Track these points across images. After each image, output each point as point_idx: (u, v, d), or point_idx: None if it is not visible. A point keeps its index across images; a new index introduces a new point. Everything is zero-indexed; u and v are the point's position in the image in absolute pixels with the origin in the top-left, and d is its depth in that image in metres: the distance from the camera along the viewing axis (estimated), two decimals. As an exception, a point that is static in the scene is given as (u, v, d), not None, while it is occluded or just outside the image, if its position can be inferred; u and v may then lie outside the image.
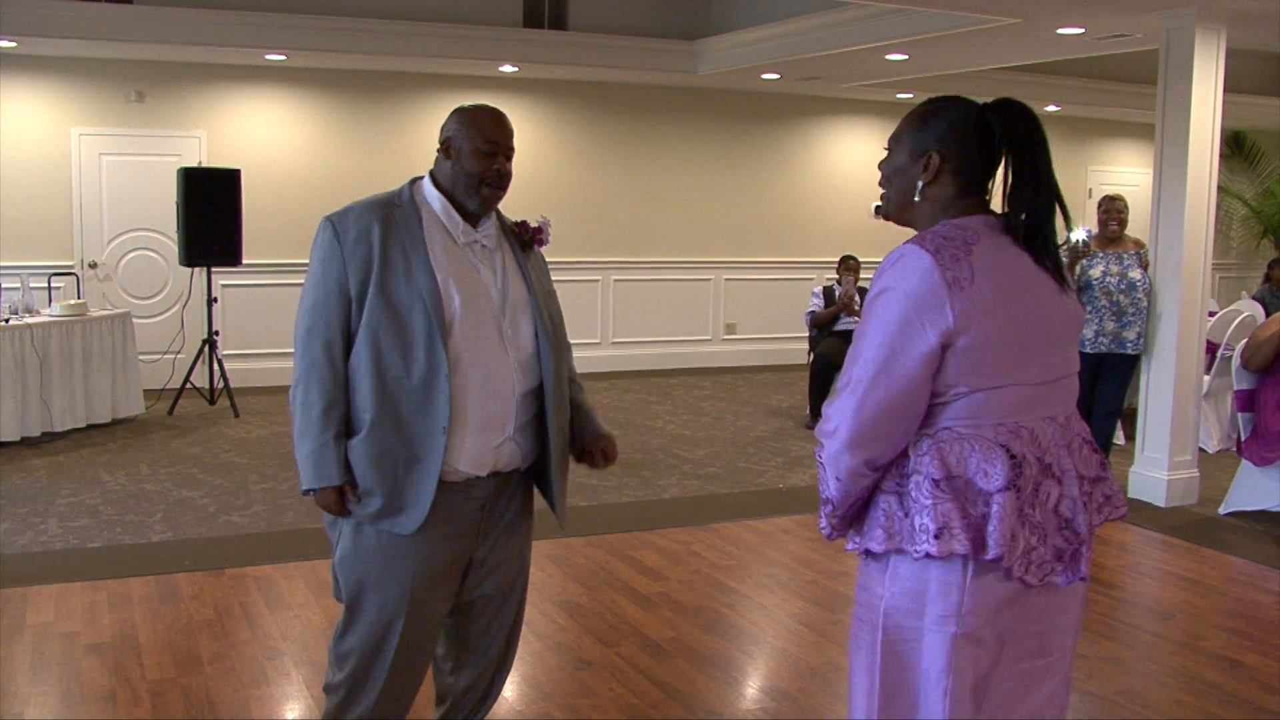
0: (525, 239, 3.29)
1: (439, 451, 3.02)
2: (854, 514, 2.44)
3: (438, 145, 3.17)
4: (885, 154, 2.53)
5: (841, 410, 2.34)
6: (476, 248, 3.15)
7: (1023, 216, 2.38)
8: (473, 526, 3.20)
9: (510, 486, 3.28)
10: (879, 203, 2.59)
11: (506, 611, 3.42)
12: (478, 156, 3.08)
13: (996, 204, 2.45)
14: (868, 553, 2.41)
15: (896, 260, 2.31)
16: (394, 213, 3.08)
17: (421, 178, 3.21)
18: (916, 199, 2.44)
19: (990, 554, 2.26)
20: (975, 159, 2.41)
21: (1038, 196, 2.38)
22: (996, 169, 2.43)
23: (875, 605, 2.39)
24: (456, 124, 3.12)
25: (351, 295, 3.02)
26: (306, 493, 3.08)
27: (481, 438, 3.09)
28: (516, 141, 3.18)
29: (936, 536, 2.27)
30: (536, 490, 3.41)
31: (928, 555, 2.28)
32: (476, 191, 3.10)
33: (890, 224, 2.58)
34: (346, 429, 3.07)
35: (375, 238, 3.02)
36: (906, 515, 2.33)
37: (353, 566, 3.15)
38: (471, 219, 3.15)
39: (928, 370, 2.28)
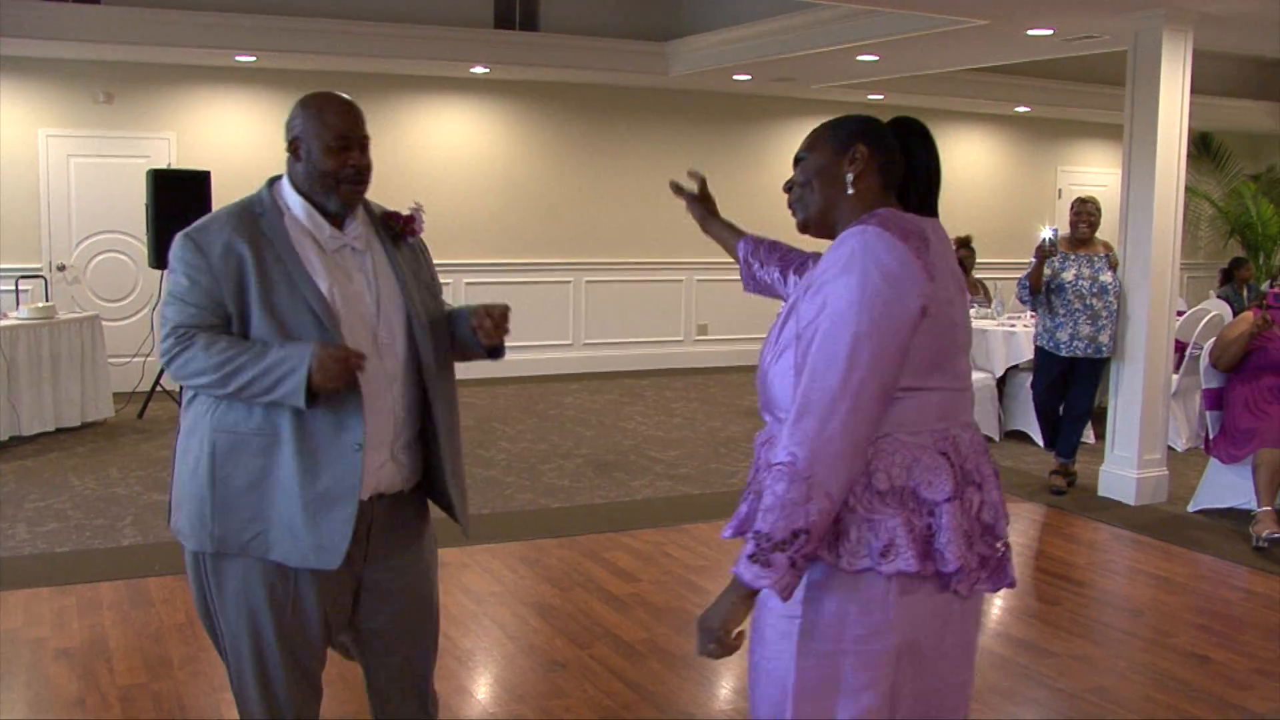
0: (396, 230, 3.01)
1: (357, 473, 2.78)
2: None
3: (285, 145, 2.93)
4: (795, 167, 2.51)
5: (803, 430, 2.16)
6: (346, 253, 2.90)
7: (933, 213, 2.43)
8: (356, 554, 2.90)
9: (398, 509, 3.00)
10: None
11: (411, 641, 3.12)
12: (329, 154, 2.83)
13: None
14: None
15: (856, 237, 2.24)
16: (259, 223, 2.83)
17: (279, 178, 2.97)
18: (849, 191, 2.40)
19: (949, 566, 2.21)
20: (896, 154, 2.43)
21: (929, 189, 2.44)
22: (901, 174, 2.44)
23: (792, 619, 2.29)
24: (301, 120, 2.87)
25: (230, 310, 2.77)
26: (311, 399, 2.70)
27: (369, 458, 2.84)
28: (488, 144, 3.06)
29: (883, 554, 2.20)
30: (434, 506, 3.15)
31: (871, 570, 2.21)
32: (335, 191, 2.85)
33: None
34: (212, 452, 2.81)
35: (247, 250, 2.77)
36: (838, 521, 2.22)
37: (225, 605, 2.90)
38: (336, 220, 2.90)
39: (912, 336, 2.20)
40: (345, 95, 2.94)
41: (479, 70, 11.34)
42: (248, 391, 2.73)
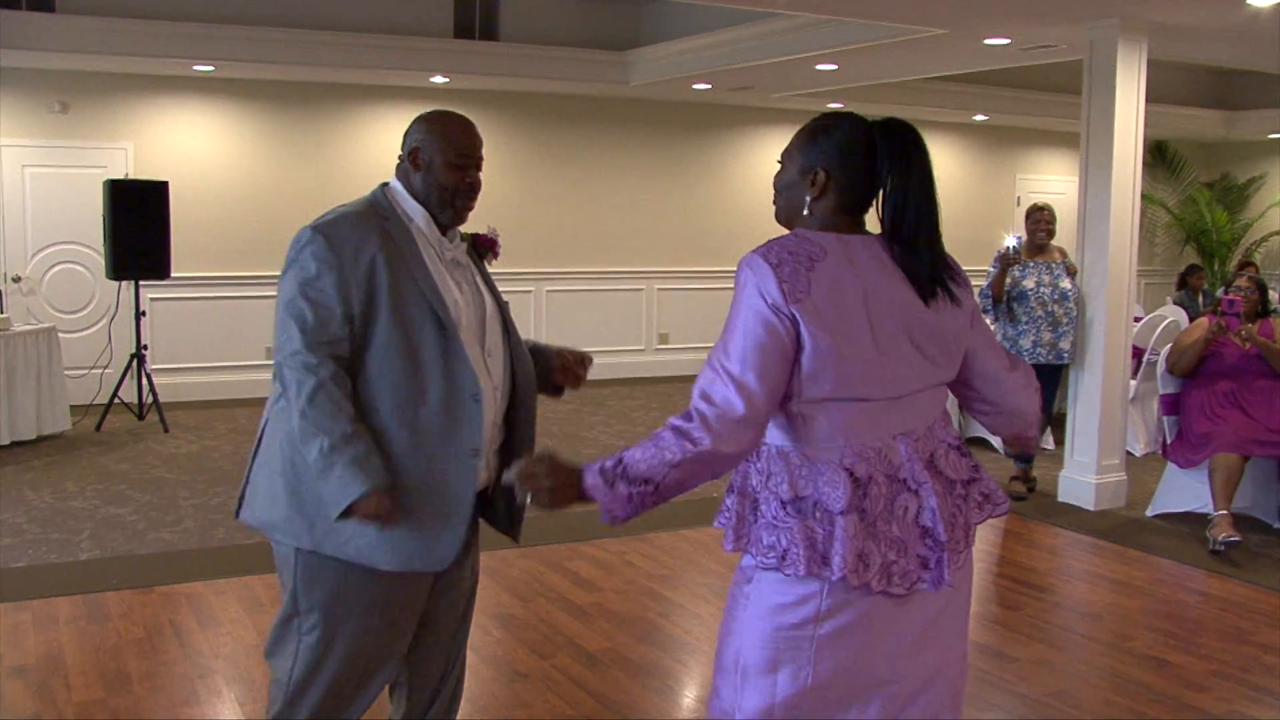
0: (482, 251, 3.19)
1: (471, 478, 2.91)
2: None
3: (401, 153, 3.03)
4: (779, 167, 2.59)
5: (727, 393, 2.33)
6: (453, 265, 3.03)
7: (904, 233, 2.46)
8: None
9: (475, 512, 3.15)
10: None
11: (460, 634, 3.33)
12: (450, 169, 2.96)
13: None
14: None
15: (746, 268, 2.38)
16: (389, 225, 2.90)
17: (387, 184, 3.04)
18: (805, 213, 2.51)
19: (834, 575, 2.33)
20: (859, 177, 2.48)
21: (905, 209, 2.45)
22: (880, 187, 2.49)
23: (745, 598, 2.48)
24: (425, 133, 2.99)
25: (354, 314, 2.81)
26: (346, 512, 2.74)
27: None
28: None
29: (782, 559, 2.37)
30: None
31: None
32: (450, 205, 2.98)
33: None
34: None
35: (379, 252, 2.83)
36: (756, 521, 2.43)
37: (320, 612, 2.93)
38: (445, 232, 3.03)
39: (790, 353, 2.33)
40: (465, 115, 3.09)
41: (439, 80, 11.32)
42: (310, 453, 2.76)
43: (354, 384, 2.84)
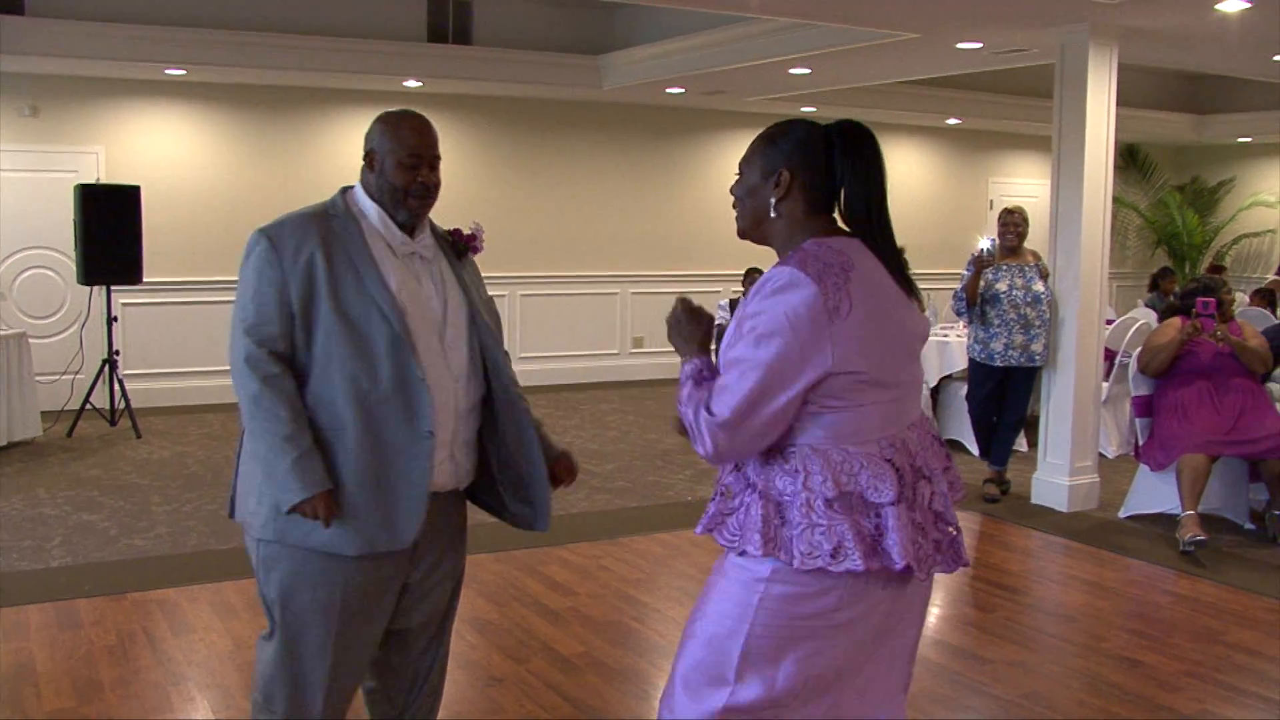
0: (460, 247, 3.23)
1: (425, 459, 2.95)
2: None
3: (362, 156, 3.09)
4: (737, 177, 2.61)
5: (719, 420, 2.39)
6: (416, 259, 3.07)
7: (870, 229, 2.50)
8: (407, 552, 3.07)
9: (446, 508, 3.18)
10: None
11: (439, 640, 3.35)
12: (400, 169, 2.99)
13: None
14: (743, 553, 2.48)
15: (781, 286, 2.37)
16: (332, 223, 2.98)
17: (351, 188, 3.11)
18: (772, 215, 2.53)
19: (897, 565, 2.36)
20: (821, 175, 2.50)
21: (870, 204, 2.49)
22: (840, 186, 2.52)
23: (757, 581, 2.45)
24: (379, 135, 3.03)
25: (294, 310, 2.90)
26: (290, 511, 2.87)
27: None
28: None
29: (833, 555, 2.35)
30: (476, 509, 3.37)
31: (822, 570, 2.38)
32: (403, 204, 3.02)
33: None
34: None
35: (318, 250, 2.91)
36: (784, 524, 2.40)
37: (276, 599, 3.00)
38: (407, 229, 3.06)
39: (802, 397, 2.38)
40: (421, 114, 3.09)
41: (412, 84, 11.30)
42: (264, 460, 2.90)
43: (308, 376, 2.94)
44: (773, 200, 2.51)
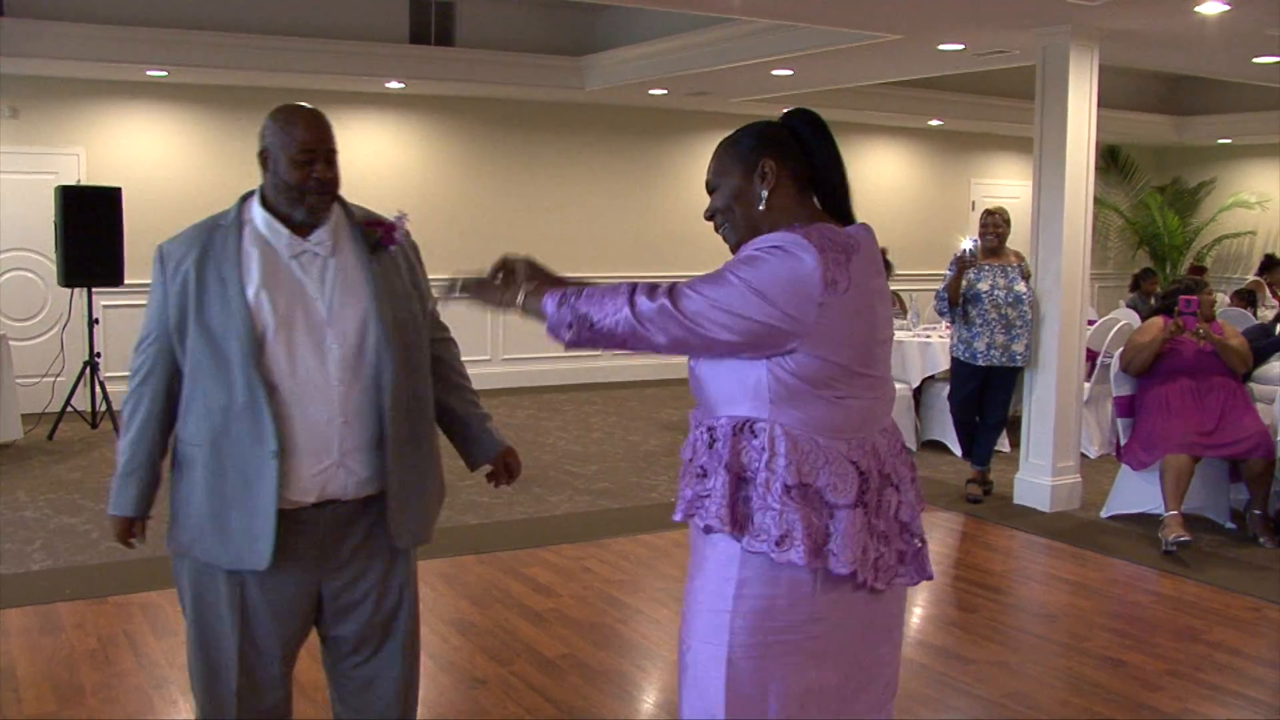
0: (372, 242, 3.03)
1: (272, 480, 2.83)
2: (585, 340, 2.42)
3: (257, 155, 2.99)
4: (710, 196, 2.56)
5: (689, 307, 2.30)
6: (305, 258, 2.92)
7: (840, 210, 2.49)
8: (311, 561, 2.97)
9: (358, 519, 3.01)
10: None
11: (386, 665, 3.15)
12: (294, 166, 2.86)
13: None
14: (708, 529, 2.39)
15: (779, 243, 2.30)
16: (216, 234, 2.91)
17: (254, 192, 3.01)
18: (763, 209, 2.45)
19: (838, 569, 2.31)
20: (800, 161, 2.47)
21: (840, 189, 2.48)
22: (817, 166, 2.49)
23: (720, 613, 2.38)
24: (271, 132, 2.92)
25: (171, 323, 2.89)
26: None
27: (304, 462, 2.89)
28: (404, 159, 3.08)
29: (777, 543, 2.30)
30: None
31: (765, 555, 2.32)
32: (300, 203, 2.89)
33: None
34: (175, 463, 2.99)
35: (192, 263, 2.87)
36: (747, 502, 2.34)
37: (190, 605, 3.02)
38: (303, 229, 2.93)
39: (759, 346, 2.29)
40: (313, 107, 2.96)
41: (394, 85, 11.28)
42: (120, 451, 3.06)
43: (182, 394, 2.95)
44: (764, 194, 2.44)
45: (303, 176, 2.87)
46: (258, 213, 2.96)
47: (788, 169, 2.45)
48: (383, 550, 3.07)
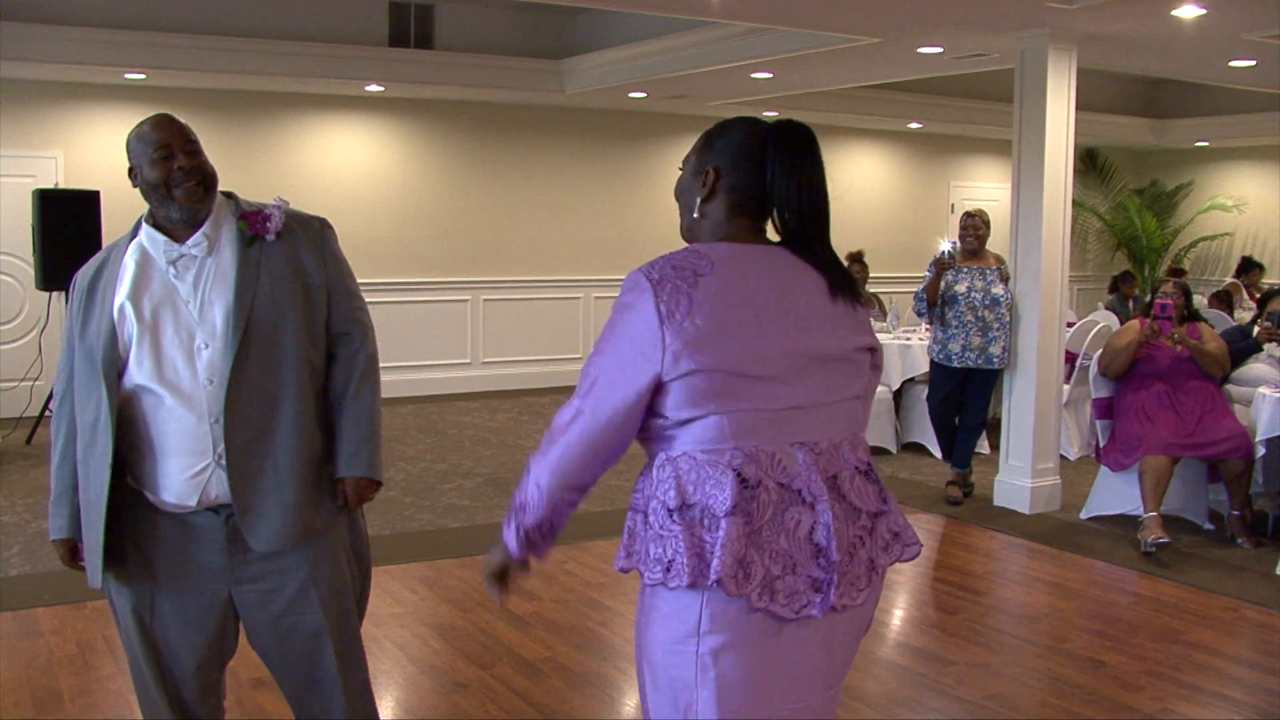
0: (248, 237, 2.97)
1: (104, 492, 2.86)
2: (546, 533, 2.45)
3: (127, 175, 3.02)
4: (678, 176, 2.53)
5: (558, 431, 2.38)
6: (183, 262, 2.93)
7: (800, 229, 2.37)
8: (214, 564, 2.96)
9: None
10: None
11: (313, 688, 3.10)
12: (154, 165, 2.90)
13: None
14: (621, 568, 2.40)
15: (628, 288, 2.31)
16: (111, 254, 3.01)
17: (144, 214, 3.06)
18: (695, 215, 2.43)
19: (711, 577, 2.19)
20: (749, 176, 2.38)
21: (799, 211, 2.36)
22: (772, 187, 2.39)
23: (643, 626, 2.37)
24: (131, 148, 2.96)
25: (74, 344, 2.98)
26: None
27: (176, 465, 2.88)
28: (383, 163, 3.06)
29: (667, 570, 2.24)
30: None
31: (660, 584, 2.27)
32: (169, 198, 2.91)
33: None
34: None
35: (85, 286, 2.98)
36: (646, 534, 2.31)
37: (115, 611, 3.08)
38: (183, 233, 2.94)
39: (640, 402, 2.28)
40: (165, 113, 3.05)
41: (374, 88, 11.26)
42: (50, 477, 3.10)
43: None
44: (697, 200, 2.43)
45: (165, 171, 2.90)
46: (143, 228, 3.01)
47: (729, 184, 2.40)
48: (297, 561, 3.01)
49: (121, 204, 10.58)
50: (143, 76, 10.37)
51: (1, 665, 4.83)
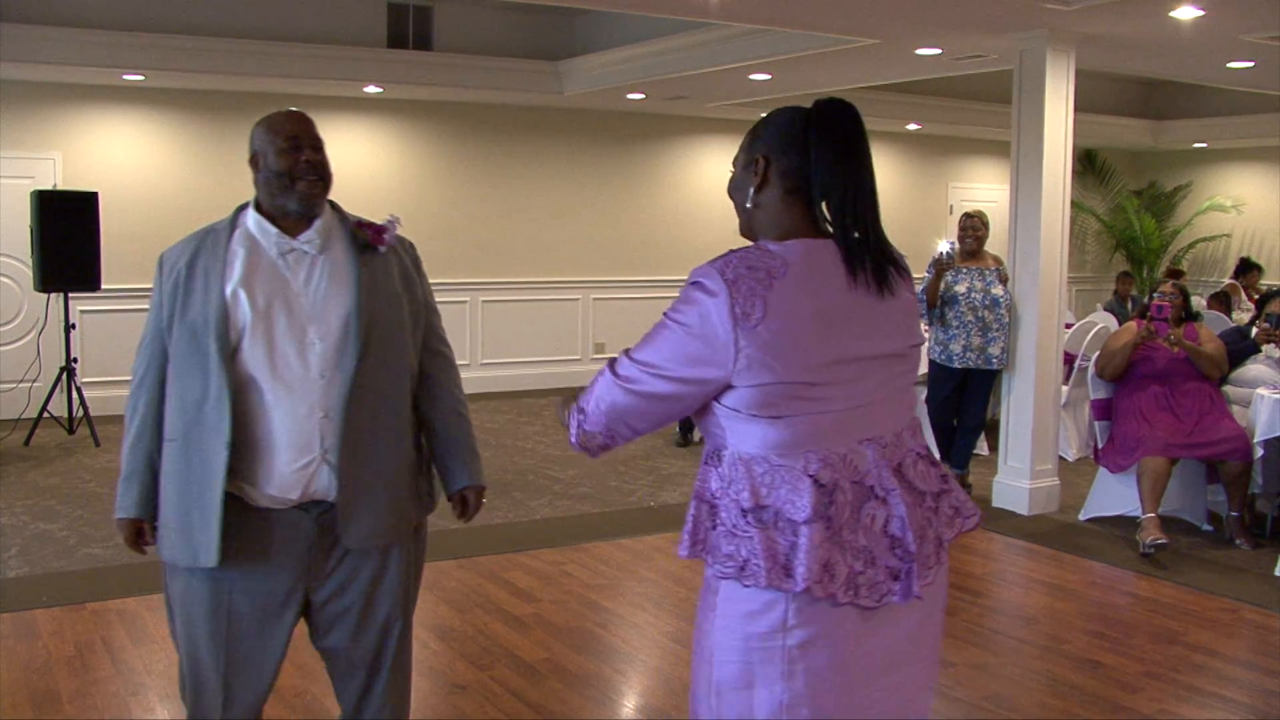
0: (363, 240, 3.06)
1: (221, 472, 2.85)
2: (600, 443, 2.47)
3: (248, 161, 3.03)
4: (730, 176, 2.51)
5: (623, 381, 2.39)
6: (294, 256, 2.97)
7: (841, 219, 2.35)
8: (296, 563, 2.98)
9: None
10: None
11: (376, 674, 3.16)
12: (281, 155, 2.94)
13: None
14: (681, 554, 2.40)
15: (702, 284, 2.28)
16: (209, 237, 2.99)
17: (250, 203, 3.06)
18: (749, 205, 2.42)
19: (797, 586, 2.21)
20: (797, 159, 2.36)
21: (845, 196, 2.35)
22: (814, 172, 2.37)
23: (710, 611, 2.36)
24: (257, 135, 3.00)
25: (163, 327, 2.97)
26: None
27: (282, 458, 2.90)
28: (382, 164, 3.10)
29: (740, 569, 2.26)
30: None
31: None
32: (292, 190, 2.95)
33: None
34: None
35: (183, 266, 2.95)
36: (714, 528, 2.31)
37: (173, 609, 3.03)
38: (298, 227, 2.99)
39: (703, 397, 2.31)
40: (297, 109, 3.08)
41: (372, 90, 11.26)
42: (122, 455, 3.06)
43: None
44: (750, 190, 2.40)
45: (291, 162, 2.94)
46: (250, 216, 3.02)
47: (778, 168, 2.38)
48: (371, 556, 3.07)
49: (119, 205, 10.62)
50: (141, 78, 10.36)
51: (0, 667, 4.83)
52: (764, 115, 2.47)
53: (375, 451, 3.02)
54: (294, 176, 2.94)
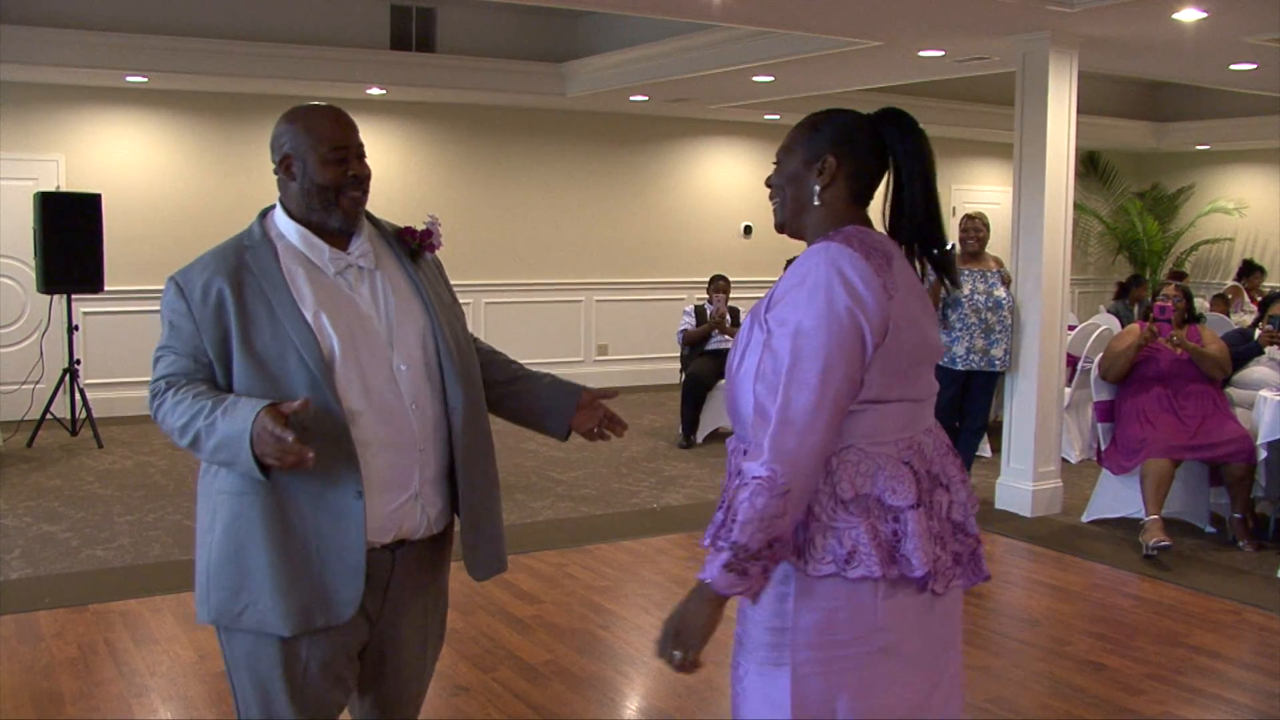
0: (413, 246, 2.82)
1: (359, 520, 2.55)
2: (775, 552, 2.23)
3: (274, 165, 2.71)
4: (774, 166, 2.51)
5: (783, 446, 2.18)
6: (351, 273, 2.68)
7: (913, 219, 2.43)
8: (369, 613, 2.71)
9: (421, 558, 2.80)
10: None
11: (421, 692, 3.00)
12: (327, 166, 2.62)
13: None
14: None
15: (823, 263, 2.25)
16: (245, 256, 2.61)
17: (271, 209, 2.74)
18: (815, 203, 2.42)
19: (916, 572, 2.25)
20: (866, 163, 2.43)
21: (926, 209, 2.42)
22: (882, 178, 2.45)
23: (781, 630, 2.30)
24: (291, 136, 2.66)
25: (211, 359, 2.57)
26: (256, 462, 2.41)
27: (383, 498, 2.62)
28: (385, 166, 2.93)
29: (847, 561, 2.24)
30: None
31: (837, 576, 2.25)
32: (336, 205, 2.64)
33: (759, 244, 2.58)
34: (210, 522, 2.64)
35: (229, 288, 2.56)
36: (804, 528, 2.26)
37: (246, 681, 2.67)
38: (339, 240, 2.68)
39: (872, 352, 2.25)
40: (334, 106, 2.76)
41: (375, 91, 11.27)
42: (219, 460, 2.52)
43: None
44: (816, 188, 2.41)
45: (338, 175, 2.64)
46: (288, 226, 2.69)
47: (849, 170, 2.41)
48: (433, 594, 2.93)
49: (122, 207, 10.63)
50: (144, 79, 10.37)
51: (2, 668, 4.83)
52: (818, 114, 2.49)
53: (485, 476, 2.85)
54: (340, 190, 2.65)
